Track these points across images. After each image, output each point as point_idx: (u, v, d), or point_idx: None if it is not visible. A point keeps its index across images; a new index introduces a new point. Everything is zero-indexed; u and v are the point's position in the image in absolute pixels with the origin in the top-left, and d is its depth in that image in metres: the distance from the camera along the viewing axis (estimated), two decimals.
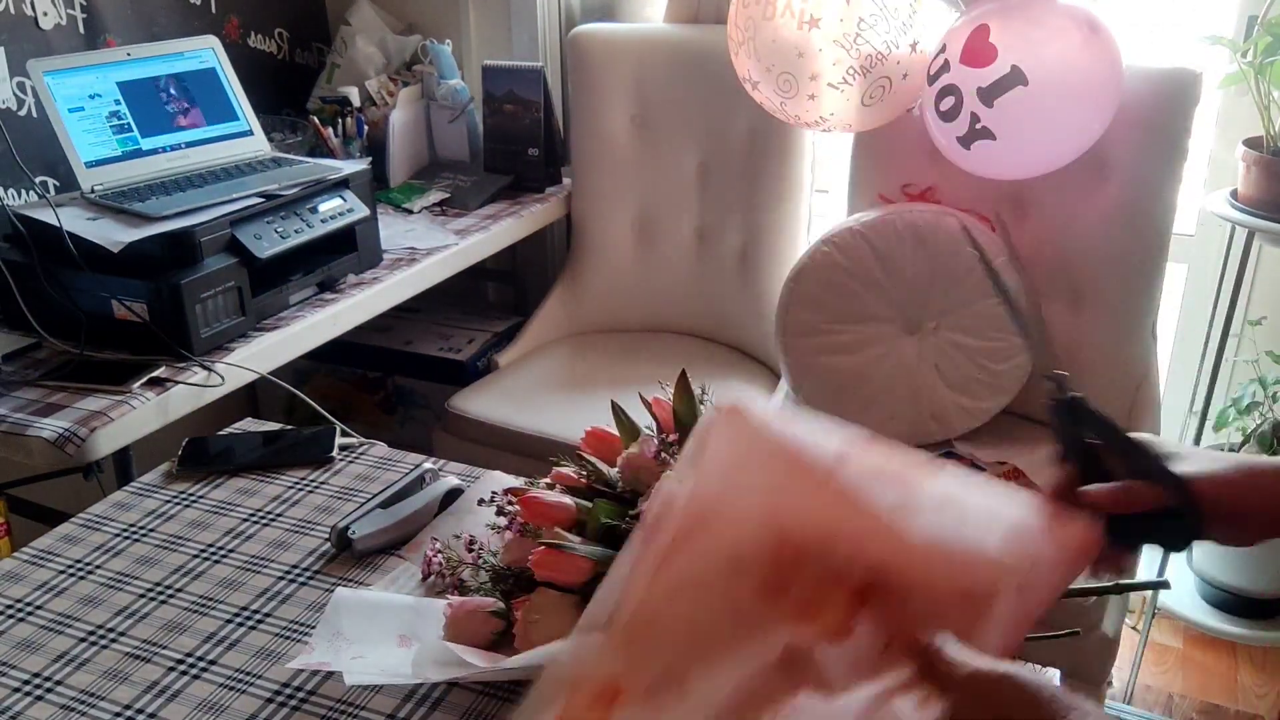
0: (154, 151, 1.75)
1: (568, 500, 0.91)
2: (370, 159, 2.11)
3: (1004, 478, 1.81)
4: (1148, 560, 2.11)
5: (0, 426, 1.39)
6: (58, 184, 1.89)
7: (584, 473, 0.95)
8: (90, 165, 1.67)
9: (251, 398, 2.44)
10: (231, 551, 1.06)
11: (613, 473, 0.94)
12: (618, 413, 0.97)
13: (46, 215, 1.56)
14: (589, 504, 0.90)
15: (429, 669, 0.81)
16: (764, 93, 1.92)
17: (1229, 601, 2.12)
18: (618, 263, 2.39)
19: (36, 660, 0.91)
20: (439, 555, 0.97)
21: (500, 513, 0.93)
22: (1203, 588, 2.17)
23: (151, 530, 1.09)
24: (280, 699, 0.86)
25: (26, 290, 1.56)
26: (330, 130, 2.24)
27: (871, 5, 1.78)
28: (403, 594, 0.97)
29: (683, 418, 0.94)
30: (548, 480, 0.97)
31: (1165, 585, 0.85)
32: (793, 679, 0.59)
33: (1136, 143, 1.76)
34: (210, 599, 0.99)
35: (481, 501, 0.97)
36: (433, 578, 0.98)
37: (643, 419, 0.98)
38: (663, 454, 0.91)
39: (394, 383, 2.42)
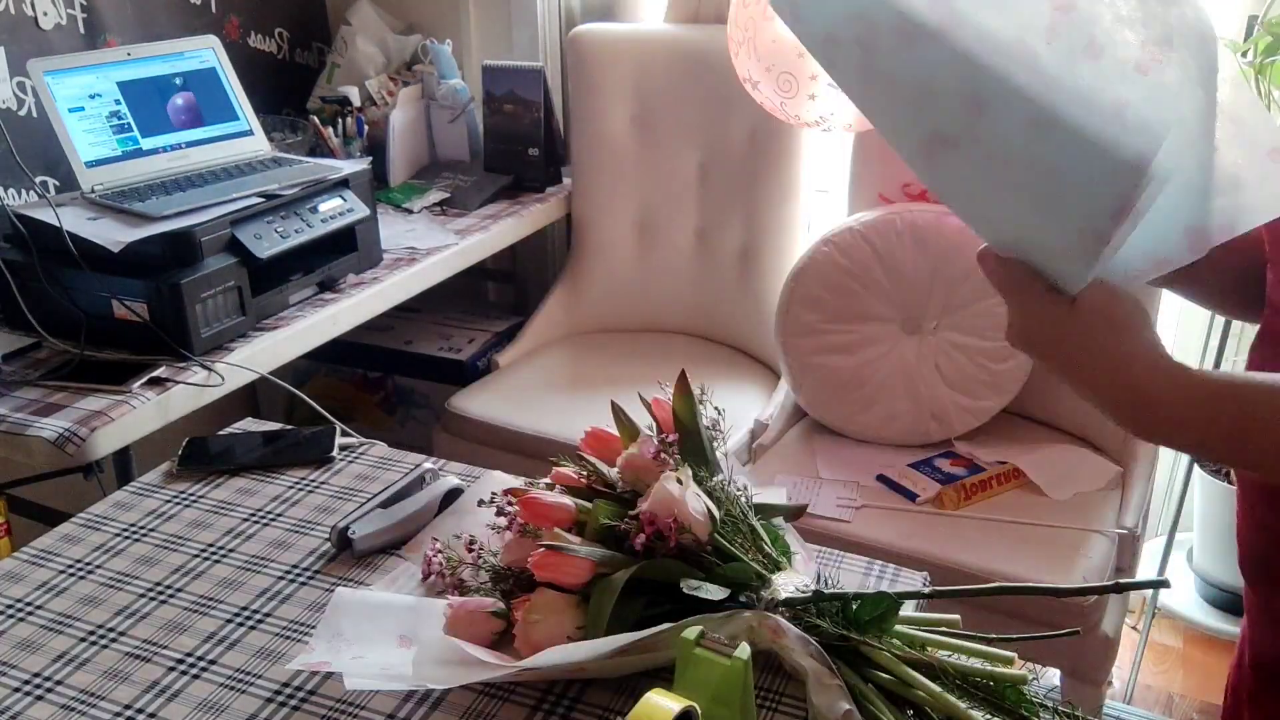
0: (154, 151, 1.75)
1: (567, 501, 0.91)
2: (370, 159, 2.11)
3: (1004, 478, 1.81)
4: (1148, 559, 2.11)
5: (0, 426, 1.39)
6: (58, 184, 1.89)
7: (584, 473, 0.95)
8: (90, 165, 1.67)
9: (251, 398, 2.45)
10: (231, 551, 1.06)
11: (613, 473, 0.94)
12: (617, 413, 0.97)
13: (46, 215, 1.56)
14: (589, 504, 0.90)
15: (430, 669, 0.81)
16: (764, 93, 1.92)
17: (1229, 601, 2.12)
18: (618, 263, 2.39)
19: (36, 660, 0.91)
20: (439, 555, 0.97)
21: (500, 513, 0.93)
22: (1203, 588, 2.17)
23: (151, 530, 1.09)
24: (280, 699, 0.86)
25: (26, 290, 1.56)
26: (330, 130, 2.24)
27: None
28: (403, 594, 0.97)
29: (682, 418, 0.94)
30: (547, 480, 0.97)
31: (1165, 584, 0.86)
32: None
33: None
34: (210, 599, 0.99)
35: (481, 502, 0.97)
36: (433, 578, 0.98)
37: (643, 419, 0.98)
38: (662, 454, 0.91)
39: (394, 383, 2.42)
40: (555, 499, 0.91)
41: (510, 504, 0.93)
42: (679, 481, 0.86)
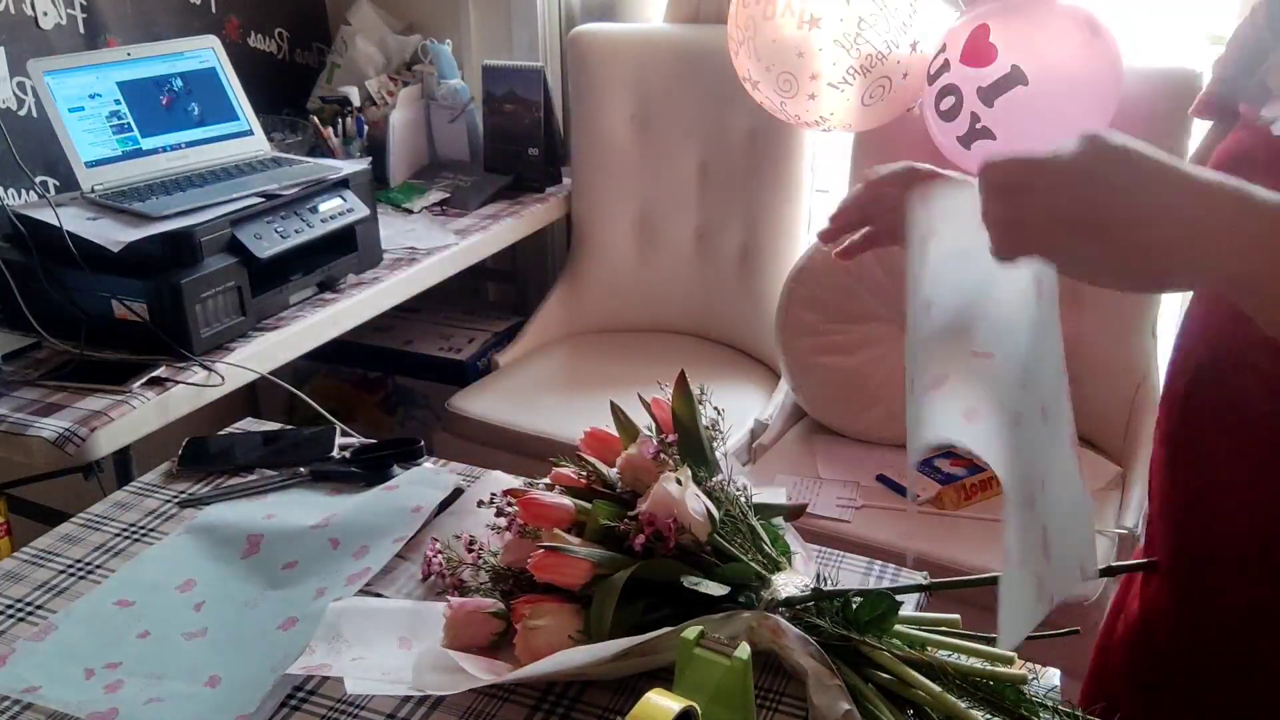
0: (154, 151, 1.75)
1: (566, 501, 0.91)
2: (370, 159, 2.11)
3: None
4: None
5: (0, 426, 1.39)
6: (58, 184, 1.89)
7: (583, 473, 0.95)
8: (90, 165, 1.67)
9: (251, 398, 2.44)
10: None
11: (612, 473, 0.94)
12: (617, 413, 0.97)
13: (46, 215, 1.56)
14: (588, 505, 0.90)
15: (429, 676, 0.81)
16: (764, 93, 1.92)
17: None
18: (618, 263, 2.39)
19: None
20: (439, 555, 0.97)
21: (499, 514, 0.93)
22: None
23: (151, 530, 1.08)
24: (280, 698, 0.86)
25: (26, 290, 1.56)
26: (330, 130, 2.24)
27: (871, 5, 1.78)
28: (401, 595, 0.97)
29: (681, 418, 0.94)
30: (547, 480, 0.97)
31: (1153, 568, 0.86)
32: None
33: None
34: None
35: (481, 503, 0.97)
36: (433, 578, 0.98)
37: (642, 419, 0.98)
38: (661, 454, 0.91)
39: (394, 383, 2.42)
40: (554, 499, 0.91)
41: (510, 505, 0.93)
42: (678, 482, 0.86)
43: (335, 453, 1.20)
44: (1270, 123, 0.73)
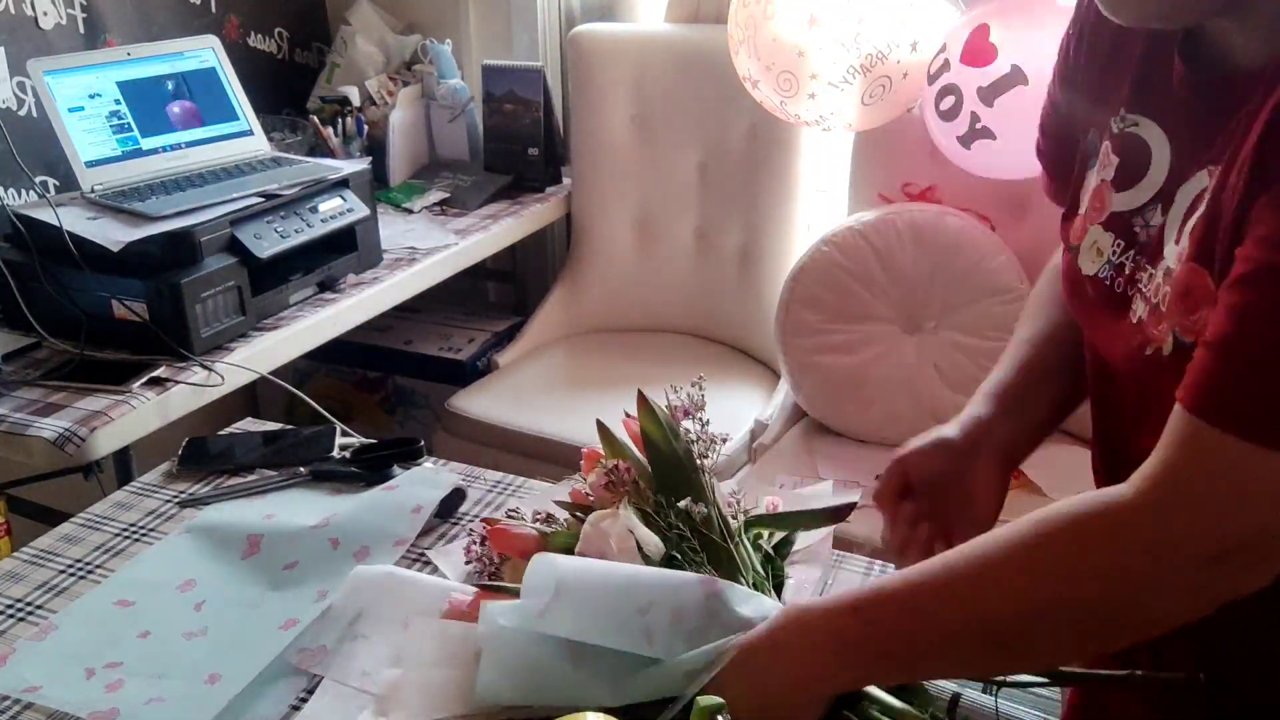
0: (154, 151, 1.75)
1: (532, 530, 0.89)
2: (370, 159, 2.11)
3: None
4: None
5: (0, 426, 1.39)
6: (58, 184, 1.89)
7: (588, 491, 0.93)
8: (90, 165, 1.67)
9: (251, 398, 2.44)
10: None
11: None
12: (603, 431, 0.94)
13: (46, 215, 1.56)
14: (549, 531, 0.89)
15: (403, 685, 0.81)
16: (764, 92, 1.92)
17: None
18: (618, 263, 2.39)
19: None
20: (481, 545, 0.95)
21: (469, 550, 0.93)
22: None
23: (151, 530, 1.08)
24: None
25: (26, 290, 1.56)
26: (330, 130, 2.24)
27: (871, 5, 1.78)
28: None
29: (653, 439, 0.89)
30: (557, 499, 0.95)
31: None
32: None
33: None
34: None
35: (510, 514, 0.96)
36: (473, 563, 0.96)
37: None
38: (611, 483, 0.87)
39: (394, 383, 2.42)
40: (521, 529, 0.89)
41: (483, 539, 0.92)
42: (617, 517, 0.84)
43: (335, 453, 1.20)
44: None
